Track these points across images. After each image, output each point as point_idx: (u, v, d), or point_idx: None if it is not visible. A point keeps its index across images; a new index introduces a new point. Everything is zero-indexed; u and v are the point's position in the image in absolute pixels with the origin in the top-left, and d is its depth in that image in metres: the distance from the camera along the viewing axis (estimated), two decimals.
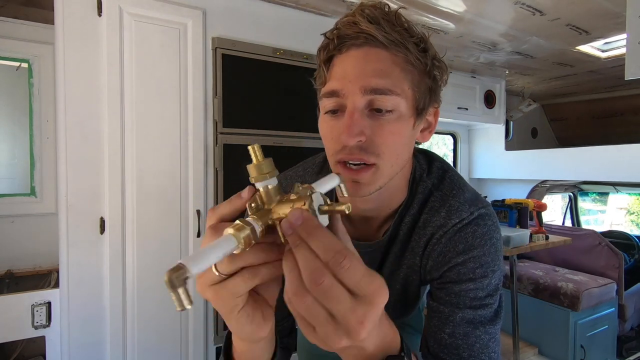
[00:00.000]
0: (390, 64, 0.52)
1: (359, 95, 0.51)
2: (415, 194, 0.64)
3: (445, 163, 0.69)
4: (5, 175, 1.79)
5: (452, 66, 2.88)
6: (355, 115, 0.51)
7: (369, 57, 0.52)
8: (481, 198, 0.64)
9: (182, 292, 0.28)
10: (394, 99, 0.51)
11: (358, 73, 0.51)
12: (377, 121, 0.52)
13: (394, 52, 0.52)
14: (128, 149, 1.50)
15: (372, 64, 0.51)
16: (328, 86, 0.54)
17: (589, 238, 2.72)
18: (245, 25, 1.72)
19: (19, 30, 1.73)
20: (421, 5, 1.82)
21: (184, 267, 0.28)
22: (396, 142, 0.53)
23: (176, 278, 0.27)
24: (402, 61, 0.52)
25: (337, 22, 0.55)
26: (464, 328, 0.58)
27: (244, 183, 0.37)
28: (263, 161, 0.36)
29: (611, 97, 3.57)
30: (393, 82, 0.51)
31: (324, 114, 0.56)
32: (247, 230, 0.32)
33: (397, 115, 0.52)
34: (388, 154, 0.53)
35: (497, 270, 0.61)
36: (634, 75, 1.30)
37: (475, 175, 3.60)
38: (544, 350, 2.52)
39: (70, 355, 1.45)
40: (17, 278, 1.73)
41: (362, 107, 0.51)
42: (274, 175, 0.36)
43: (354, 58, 0.52)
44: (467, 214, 0.61)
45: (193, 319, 1.65)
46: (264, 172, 0.35)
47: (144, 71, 1.52)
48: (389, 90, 0.51)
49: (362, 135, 0.50)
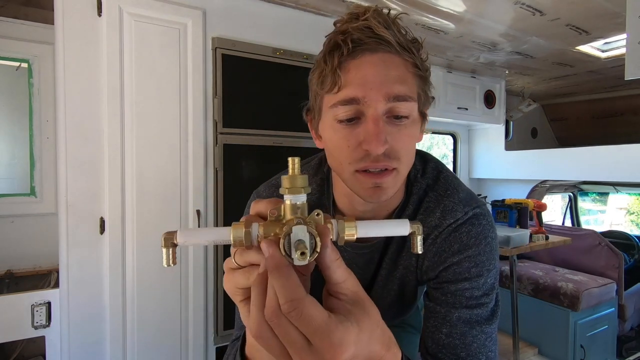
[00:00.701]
0: (405, 70, 0.52)
1: (383, 102, 0.50)
2: (410, 194, 0.64)
3: (439, 163, 0.69)
4: (5, 175, 1.79)
5: (452, 66, 2.88)
6: (380, 123, 0.50)
7: (387, 63, 0.51)
8: (476, 197, 0.65)
9: (168, 252, 0.34)
10: (411, 105, 0.52)
11: (380, 80, 0.50)
12: (396, 127, 0.52)
13: (405, 57, 0.52)
14: (128, 149, 1.50)
15: (392, 70, 0.51)
16: (345, 93, 0.51)
17: (589, 238, 2.72)
18: (245, 25, 1.72)
19: (19, 30, 1.73)
20: (421, 5, 1.82)
21: (174, 235, 0.35)
22: (412, 146, 0.55)
23: (165, 240, 0.35)
24: (411, 66, 0.53)
25: (342, 25, 0.53)
26: (461, 328, 0.58)
27: (244, 183, 0.37)
28: (298, 175, 0.36)
29: (611, 97, 3.57)
30: (410, 88, 0.52)
31: (336, 122, 0.53)
32: (243, 230, 0.33)
33: (412, 120, 0.54)
34: (406, 158, 0.54)
35: (493, 270, 0.61)
36: (633, 75, 1.30)
37: (475, 175, 3.60)
38: (544, 350, 2.52)
39: (70, 355, 1.45)
40: (17, 278, 1.73)
41: (382, 114, 0.51)
42: (301, 192, 0.36)
43: (371, 64, 0.51)
44: (461, 214, 0.61)
45: (193, 319, 1.65)
46: (296, 186, 0.36)
47: (144, 71, 1.52)
48: (408, 97, 0.51)
49: (387, 142, 0.51)
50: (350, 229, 0.36)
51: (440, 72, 2.87)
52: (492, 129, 3.41)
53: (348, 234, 0.36)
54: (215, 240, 0.35)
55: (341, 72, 0.52)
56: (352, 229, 0.36)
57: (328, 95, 0.54)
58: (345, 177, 0.56)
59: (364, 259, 0.67)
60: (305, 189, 0.36)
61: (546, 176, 3.10)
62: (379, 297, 0.70)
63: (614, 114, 3.64)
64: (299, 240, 0.33)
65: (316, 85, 0.56)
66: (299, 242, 0.32)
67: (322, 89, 0.55)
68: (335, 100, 0.52)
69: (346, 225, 0.36)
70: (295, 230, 0.33)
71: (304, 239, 0.33)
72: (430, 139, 3.83)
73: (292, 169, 0.36)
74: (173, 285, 1.61)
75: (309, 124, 0.63)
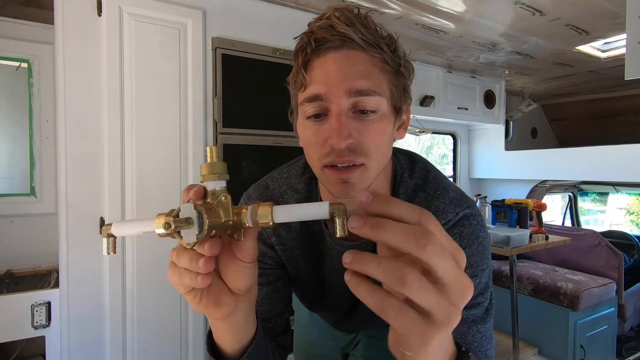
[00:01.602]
0: (370, 65, 0.52)
1: (344, 97, 0.51)
2: (397, 195, 0.64)
3: (428, 163, 0.68)
4: (5, 175, 1.79)
5: (452, 66, 2.88)
6: (343, 117, 0.51)
7: (350, 59, 0.52)
8: (466, 197, 0.64)
9: (107, 242, 0.39)
10: (377, 99, 0.52)
11: (342, 76, 0.51)
12: (363, 122, 0.52)
13: (371, 53, 0.52)
14: (128, 149, 1.50)
15: (354, 66, 0.51)
16: (309, 90, 0.53)
17: (589, 238, 2.72)
18: (245, 25, 1.72)
19: (19, 30, 1.73)
20: (421, 5, 1.82)
21: (109, 226, 0.39)
22: (382, 141, 0.54)
23: (103, 231, 0.39)
24: (379, 62, 0.53)
25: (309, 24, 0.55)
26: (459, 328, 0.58)
27: (244, 183, 0.38)
28: (216, 162, 0.37)
29: (611, 97, 3.57)
30: (374, 82, 0.52)
31: (305, 119, 0.55)
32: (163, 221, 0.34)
33: (380, 114, 0.53)
34: (375, 154, 0.53)
35: (486, 269, 0.61)
36: (633, 75, 1.30)
37: (475, 175, 3.60)
38: (544, 350, 2.52)
39: (70, 355, 1.45)
40: (17, 278, 1.73)
41: (347, 109, 0.51)
42: (215, 179, 0.37)
43: (334, 61, 0.52)
44: (452, 215, 0.61)
45: (193, 319, 1.65)
46: (213, 172, 0.37)
47: (144, 71, 1.52)
48: (372, 91, 0.51)
49: (351, 137, 0.51)
50: (265, 213, 0.36)
51: (440, 72, 2.86)
52: (492, 129, 3.41)
53: (262, 219, 0.36)
54: (143, 230, 0.37)
55: (306, 70, 0.54)
56: (266, 213, 0.36)
57: (298, 93, 0.56)
58: (317, 174, 0.57)
59: None
60: (221, 176, 0.37)
61: (546, 176, 3.11)
62: None
63: (614, 114, 3.65)
64: (186, 217, 0.33)
65: (291, 85, 0.59)
66: (186, 219, 0.33)
67: (294, 88, 0.57)
68: (302, 97, 0.54)
69: (259, 210, 0.36)
70: (183, 208, 0.34)
71: (192, 217, 0.33)
72: (430, 139, 3.83)
73: (210, 157, 0.37)
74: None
75: (293, 124, 0.65)
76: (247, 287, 0.42)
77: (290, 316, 0.74)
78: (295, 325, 1.01)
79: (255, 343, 0.51)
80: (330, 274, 0.70)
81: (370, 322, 0.79)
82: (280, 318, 0.70)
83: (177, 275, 0.38)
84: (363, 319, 0.77)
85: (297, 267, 0.71)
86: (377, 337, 0.87)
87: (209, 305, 0.41)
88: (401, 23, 2.03)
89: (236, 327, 0.48)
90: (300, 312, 0.99)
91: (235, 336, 0.49)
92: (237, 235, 0.38)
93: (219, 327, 0.48)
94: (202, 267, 0.36)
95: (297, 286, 0.76)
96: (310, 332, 0.97)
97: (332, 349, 0.94)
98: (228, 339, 0.49)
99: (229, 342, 0.49)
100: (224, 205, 0.36)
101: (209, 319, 0.47)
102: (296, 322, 1.02)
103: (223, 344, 0.50)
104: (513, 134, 3.63)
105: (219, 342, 0.50)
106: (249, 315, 0.48)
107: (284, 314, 0.71)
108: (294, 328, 0.99)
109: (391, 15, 1.95)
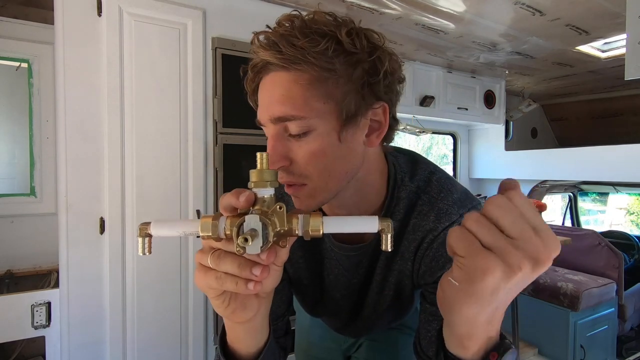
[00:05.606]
0: (293, 85, 0.49)
1: (271, 124, 0.51)
2: (398, 198, 0.62)
3: (431, 164, 0.67)
4: (5, 175, 1.79)
5: (452, 66, 2.88)
6: (273, 142, 0.50)
7: (274, 83, 0.50)
8: (471, 197, 0.63)
9: (143, 242, 0.37)
10: (302, 122, 0.49)
11: (266, 102, 0.51)
12: (297, 143, 0.50)
13: (295, 70, 0.48)
14: (128, 149, 1.50)
15: (276, 90, 0.50)
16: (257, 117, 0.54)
17: (589, 238, 2.72)
18: (245, 25, 1.72)
19: (19, 30, 1.73)
20: (421, 5, 1.82)
21: (148, 226, 0.37)
22: (321, 162, 0.51)
23: (140, 230, 0.37)
24: (307, 77, 0.48)
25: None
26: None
27: (244, 183, 0.38)
28: (265, 170, 0.37)
29: (611, 97, 3.57)
30: (296, 105, 0.48)
31: None
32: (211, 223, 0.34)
33: (315, 135, 0.50)
34: (317, 174, 0.51)
35: None
36: (633, 75, 1.30)
37: (475, 175, 3.60)
38: (544, 351, 2.51)
39: (70, 355, 1.45)
40: (17, 278, 1.73)
41: (279, 134, 0.51)
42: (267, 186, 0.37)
43: (263, 86, 0.52)
44: (456, 216, 0.60)
45: (193, 319, 1.65)
46: (263, 180, 0.37)
47: (144, 71, 1.52)
48: (291, 116, 0.49)
49: (285, 160, 0.50)
50: (316, 224, 0.36)
51: (440, 72, 2.86)
52: (492, 129, 3.41)
53: (313, 229, 0.36)
54: (185, 232, 0.36)
55: (255, 98, 0.56)
56: (317, 224, 0.36)
57: None
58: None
59: (350, 262, 0.66)
60: (272, 183, 0.37)
61: (546, 176, 3.10)
62: (375, 303, 0.69)
63: (614, 114, 3.65)
64: (251, 229, 0.33)
65: None
66: (251, 230, 0.33)
67: None
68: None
69: (311, 220, 0.36)
70: (248, 219, 0.34)
71: (257, 228, 0.34)
72: (430, 139, 3.83)
73: (260, 164, 0.37)
74: (173, 285, 1.61)
75: None
76: (272, 289, 0.43)
77: (291, 317, 0.74)
78: (297, 327, 1.01)
79: (268, 345, 0.51)
80: (329, 277, 0.70)
81: (372, 327, 0.79)
82: (281, 320, 0.70)
83: (214, 279, 0.37)
84: (365, 324, 0.76)
85: (297, 269, 0.71)
86: (379, 340, 0.87)
87: (236, 310, 0.41)
88: (401, 23, 2.03)
89: (254, 330, 0.48)
90: (302, 313, 0.99)
91: (253, 339, 0.49)
92: (282, 242, 0.38)
93: (238, 330, 0.47)
94: (260, 275, 0.36)
95: (298, 289, 0.75)
96: (311, 334, 0.97)
97: (334, 351, 0.94)
98: (246, 342, 0.49)
99: (246, 345, 0.49)
100: (279, 214, 0.36)
101: (227, 323, 0.47)
102: (297, 323, 1.02)
103: (239, 347, 0.50)
104: (513, 134, 3.63)
105: (235, 346, 0.50)
106: (265, 318, 0.48)
107: (284, 316, 0.71)
108: (295, 329, 0.99)
109: (391, 15, 1.95)
